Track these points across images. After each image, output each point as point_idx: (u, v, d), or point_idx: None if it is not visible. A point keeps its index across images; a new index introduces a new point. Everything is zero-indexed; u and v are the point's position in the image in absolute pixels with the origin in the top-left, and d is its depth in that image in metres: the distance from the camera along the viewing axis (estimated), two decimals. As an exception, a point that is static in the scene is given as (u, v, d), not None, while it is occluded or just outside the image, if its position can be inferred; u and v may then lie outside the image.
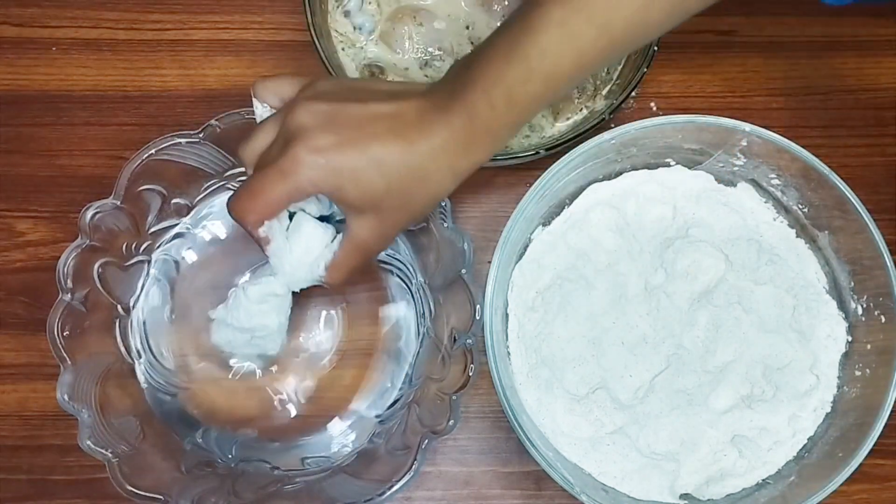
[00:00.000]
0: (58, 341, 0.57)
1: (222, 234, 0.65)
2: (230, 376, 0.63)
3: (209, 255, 0.65)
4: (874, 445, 0.55)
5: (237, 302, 0.56)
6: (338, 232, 0.54)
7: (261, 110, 0.55)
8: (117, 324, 0.62)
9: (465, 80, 0.50)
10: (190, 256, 0.64)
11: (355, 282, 0.62)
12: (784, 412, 0.60)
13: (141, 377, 0.62)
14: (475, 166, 0.51)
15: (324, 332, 0.64)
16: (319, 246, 0.53)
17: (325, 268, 0.53)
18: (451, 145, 0.50)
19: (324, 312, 0.64)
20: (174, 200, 0.63)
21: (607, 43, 0.49)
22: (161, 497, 0.56)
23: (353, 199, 0.50)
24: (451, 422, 0.56)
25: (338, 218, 0.55)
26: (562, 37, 0.48)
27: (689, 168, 0.65)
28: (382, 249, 0.54)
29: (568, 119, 0.67)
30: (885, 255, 0.58)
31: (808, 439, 0.60)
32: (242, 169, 0.63)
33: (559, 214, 0.64)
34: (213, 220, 0.65)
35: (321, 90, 0.52)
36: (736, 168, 0.64)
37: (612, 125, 0.60)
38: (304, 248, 0.53)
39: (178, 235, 0.64)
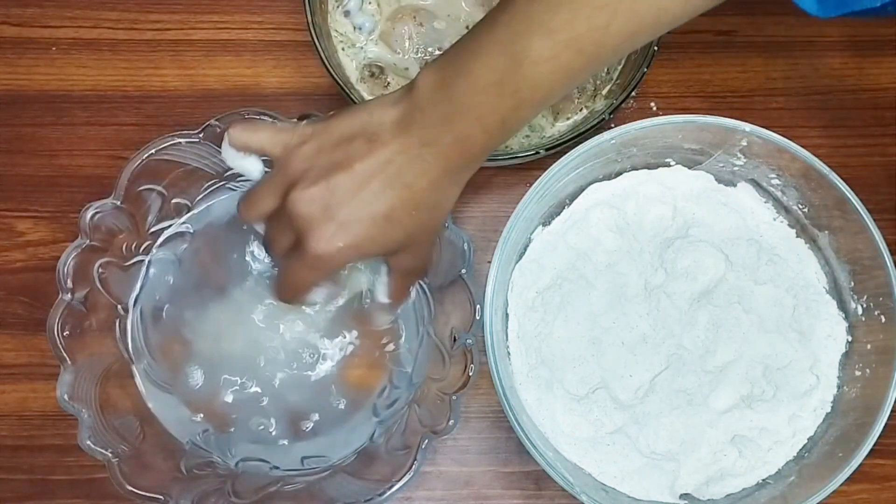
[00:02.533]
0: (58, 341, 0.57)
1: (221, 235, 0.65)
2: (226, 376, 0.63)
3: (208, 254, 0.64)
4: (874, 445, 0.55)
5: None
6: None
7: (233, 155, 0.56)
8: (117, 324, 0.62)
9: (453, 111, 0.49)
10: (188, 256, 0.64)
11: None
12: (784, 412, 0.60)
13: (138, 378, 0.62)
14: (474, 171, 0.53)
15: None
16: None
17: (388, 295, 0.58)
18: (449, 172, 0.51)
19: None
20: (174, 200, 0.63)
21: (596, 66, 0.50)
22: (161, 497, 0.56)
23: (382, 253, 0.54)
24: (451, 422, 0.56)
25: None
26: (552, 70, 0.48)
27: (689, 168, 0.65)
28: (426, 264, 0.59)
29: (568, 119, 0.67)
30: (885, 255, 0.58)
31: (808, 439, 0.60)
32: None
33: (559, 214, 0.64)
34: (212, 221, 0.65)
35: (304, 159, 0.52)
36: (736, 168, 0.63)
37: (612, 125, 0.60)
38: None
39: (177, 235, 0.64)
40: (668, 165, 0.65)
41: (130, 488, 0.56)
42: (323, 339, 0.63)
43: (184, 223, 0.64)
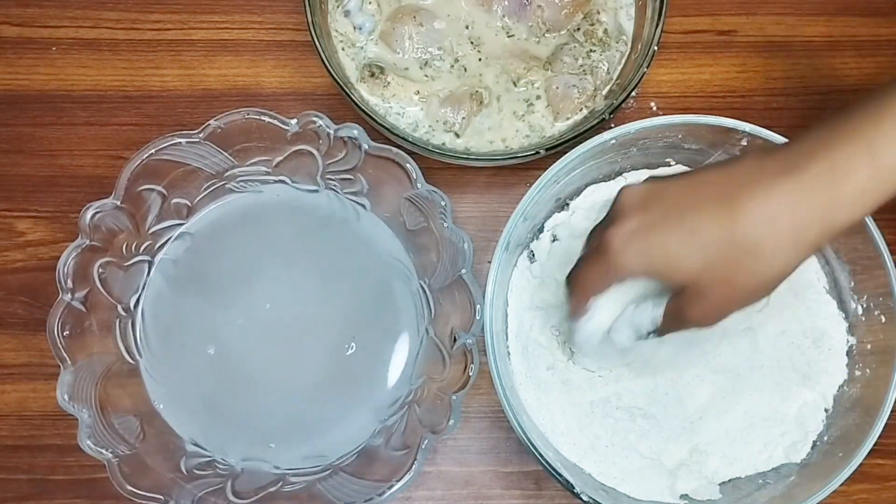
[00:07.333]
0: (58, 341, 0.57)
1: (222, 235, 0.65)
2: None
3: (208, 255, 0.64)
4: (874, 445, 0.55)
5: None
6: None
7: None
8: (118, 324, 0.62)
9: (833, 137, 0.44)
10: (189, 256, 0.64)
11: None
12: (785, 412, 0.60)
13: (144, 376, 0.62)
14: (832, 235, 0.45)
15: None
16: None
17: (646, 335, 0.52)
18: (798, 210, 0.44)
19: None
20: (174, 200, 0.63)
21: None
22: (161, 497, 0.56)
23: (667, 277, 0.47)
24: (451, 422, 0.56)
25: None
26: None
27: (690, 168, 0.65)
28: (709, 325, 0.49)
29: (568, 119, 0.67)
30: (885, 255, 0.58)
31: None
32: (243, 169, 0.64)
33: (559, 214, 0.64)
34: (212, 221, 0.65)
35: (656, 180, 0.49)
36: (736, 168, 0.63)
37: (612, 125, 0.60)
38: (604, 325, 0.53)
39: (178, 236, 0.64)
40: (669, 165, 0.65)
41: (130, 488, 0.56)
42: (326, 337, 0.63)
43: (184, 224, 0.64)
